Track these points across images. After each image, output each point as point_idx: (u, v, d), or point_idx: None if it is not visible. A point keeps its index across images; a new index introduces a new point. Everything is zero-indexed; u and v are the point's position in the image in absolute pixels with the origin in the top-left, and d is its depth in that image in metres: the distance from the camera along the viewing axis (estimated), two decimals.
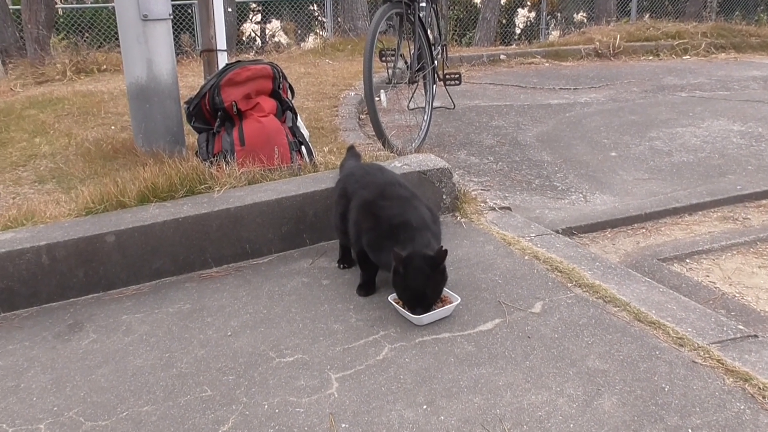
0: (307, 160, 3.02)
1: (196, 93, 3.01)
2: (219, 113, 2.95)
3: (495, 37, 11.28)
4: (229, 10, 9.00)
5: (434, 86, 4.32)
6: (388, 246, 1.98)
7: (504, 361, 1.78)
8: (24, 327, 2.09)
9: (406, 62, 4.09)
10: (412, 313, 1.95)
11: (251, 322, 2.06)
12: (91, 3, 11.31)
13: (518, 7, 14.75)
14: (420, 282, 1.90)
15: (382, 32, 3.56)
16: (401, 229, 1.98)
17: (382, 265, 2.07)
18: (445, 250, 1.92)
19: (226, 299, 2.22)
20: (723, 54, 8.30)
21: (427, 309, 1.95)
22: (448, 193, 2.80)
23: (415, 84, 4.16)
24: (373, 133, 3.92)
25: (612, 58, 8.00)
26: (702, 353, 1.78)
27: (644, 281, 2.18)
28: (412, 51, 4.04)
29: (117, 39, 4.11)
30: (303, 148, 3.05)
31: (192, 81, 5.76)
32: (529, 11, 14.85)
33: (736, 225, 3.00)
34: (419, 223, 2.01)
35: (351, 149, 2.77)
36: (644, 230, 3.00)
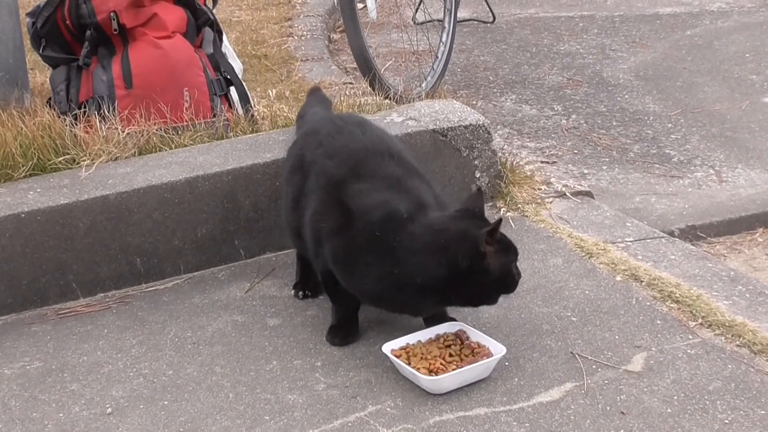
0: (240, 111, 3.01)
1: None
2: (88, 33, 2.94)
3: None
4: None
5: None
6: (366, 261, 2.01)
7: None
8: None
9: None
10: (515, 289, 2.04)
11: (147, 392, 2.05)
12: None
13: None
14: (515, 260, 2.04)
15: None
16: (387, 225, 2.00)
17: (362, 292, 2.09)
18: (499, 220, 1.96)
19: (104, 352, 2.21)
20: None
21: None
22: (484, 168, 2.81)
23: None
24: (354, 65, 3.90)
25: None
26: None
27: None
28: None
29: None
30: (232, 90, 3.04)
31: None
32: None
33: None
34: (416, 212, 2.04)
35: (315, 92, 2.77)
36: None
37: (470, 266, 1.95)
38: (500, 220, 1.96)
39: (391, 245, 1.99)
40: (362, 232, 2.03)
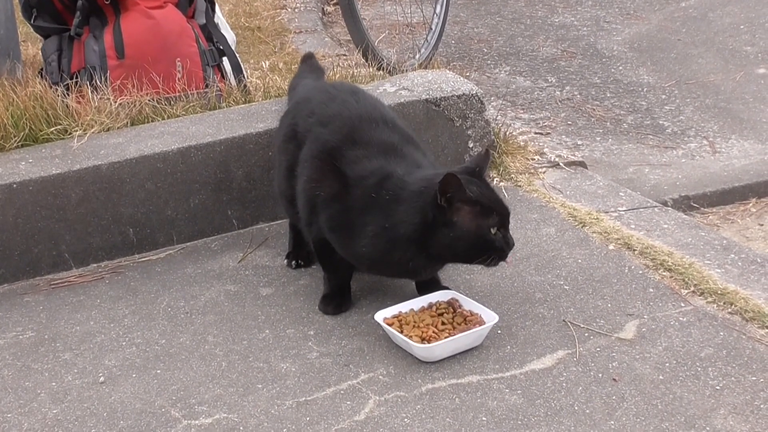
0: (233, 81, 3.01)
1: None
2: (80, 2, 2.91)
3: None
4: None
5: None
6: (362, 223, 2.01)
7: (572, 420, 1.79)
8: None
9: None
10: (504, 256, 2.00)
11: (140, 360, 2.06)
12: None
13: None
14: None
15: None
16: (383, 185, 2.01)
17: (357, 257, 2.09)
18: (448, 174, 1.92)
19: (97, 321, 2.22)
20: None
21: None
22: (477, 138, 2.81)
23: None
24: (348, 37, 3.88)
25: None
26: None
27: None
28: None
29: None
30: (225, 61, 3.04)
31: None
32: None
33: None
34: (411, 171, 2.05)
35: (308, 59, 2.76)
36: None
37: (436, 217, 1.95)
38: (450, 174, 1.92)
39: (384, 200, 2.00)
40: (359, 197, 2.03)
